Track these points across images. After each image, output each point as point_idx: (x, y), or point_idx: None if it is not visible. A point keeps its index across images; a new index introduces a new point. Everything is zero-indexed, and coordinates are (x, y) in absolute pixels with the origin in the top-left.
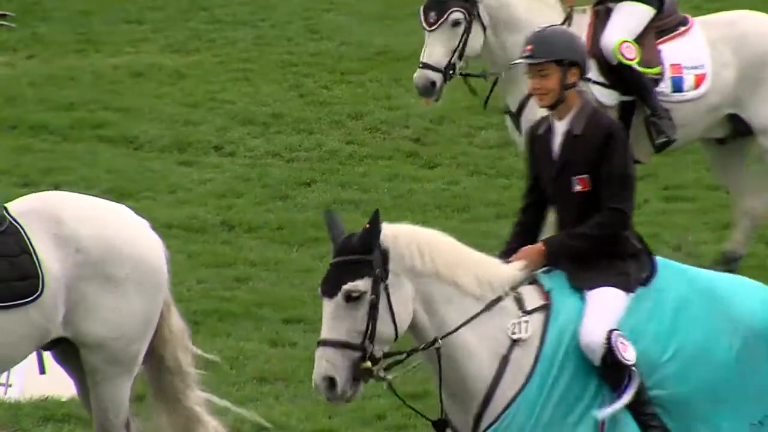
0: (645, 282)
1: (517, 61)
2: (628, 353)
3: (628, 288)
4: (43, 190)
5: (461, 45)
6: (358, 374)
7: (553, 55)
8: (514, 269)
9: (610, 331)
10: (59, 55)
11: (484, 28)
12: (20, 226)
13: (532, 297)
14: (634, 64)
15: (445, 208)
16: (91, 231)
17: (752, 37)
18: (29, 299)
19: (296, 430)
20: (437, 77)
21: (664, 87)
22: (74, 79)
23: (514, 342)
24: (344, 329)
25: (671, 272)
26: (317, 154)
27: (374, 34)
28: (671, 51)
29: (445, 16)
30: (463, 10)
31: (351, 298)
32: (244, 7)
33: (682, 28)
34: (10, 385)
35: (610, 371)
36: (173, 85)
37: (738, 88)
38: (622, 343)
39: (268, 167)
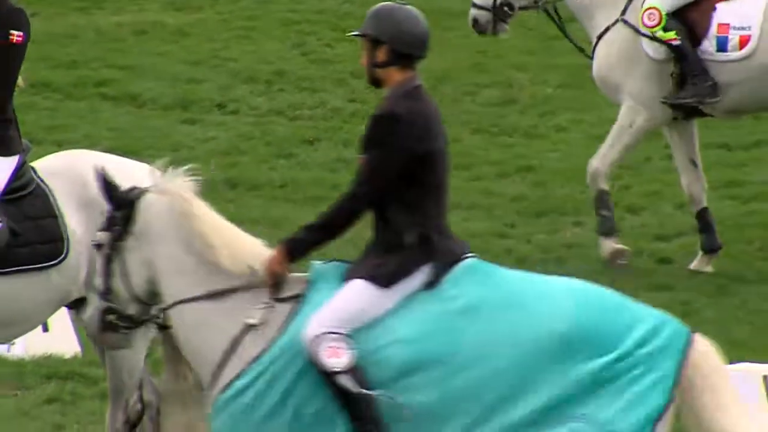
0: (431, 284)
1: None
2: (334, 359)
3: (382, 283)
4: (46, 148)
5: None
6: (105, 325)
7: (362, 29)
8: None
9: (324, 333)
10: (62, 12)
11: None
12: (47, 187)
13: (291, 286)
14: (656, 30)
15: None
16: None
17: None
18: (53, 262)
19: None
20: (481, 15)
21: (709, 46)
22: (77, 36)
23: (249, 326)
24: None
25: (472, 277)
26: (320, 112)
27: None
28: (724, 11)
29: None
30: None
31: (97, 248)
32: None
33: None
34: (13, 343)
35: (322, 374)
36: (176, 43)
37: None
38: (331, 347)
39: (271, 125)
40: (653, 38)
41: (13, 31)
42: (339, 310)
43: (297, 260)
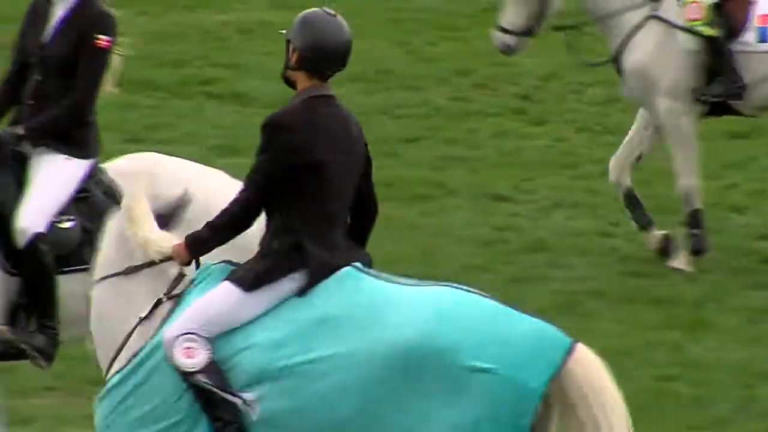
0: (302, 292)
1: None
2: (188, 360)
3: (245, 287)
4: (148, 146)
5: (541, 7)
6: None
7: (287, 30)
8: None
9: (183, 334)
10: (167, 11)
11: None
12: (117, 188)
13: (185, 283)
14: (699, 24)
15: (552, 165)
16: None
17: None
18: None
19: None
20: (513, 41)
21: (750, 37)
22: (182, 35)
23: (141, 319)
24: None
25: (339, 287)
26: (424, 110)
27: None
28: (764, 2)
29: None
30: None
31: None
32: None
33: None
34: None
35: (180, 374)
36: (282, 41)
37: None
38: (186, 347)
39: (375, 124)
40: (691, 31)
41: (100, 36)
42: (200, 311)
43: (197, 257)
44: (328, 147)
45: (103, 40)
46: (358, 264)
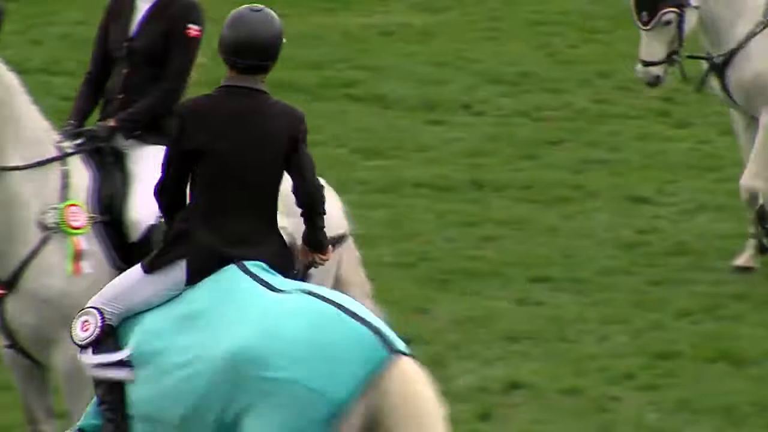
0: (189, 280)
1: None
2: (82, 333)
3: (145, 268)
4: None
5: (679, 36)
6: None
7: None
8: None
9: (88, 308)
10: (309, 13)
11: (697, 8)
12: None
13: None
14: None
15: (696, 168)
16: None
17: None
18: None
19: (544, 388)
20: (660, 71)
21: None
22: (323, 37)
23: None
24: None
25: (214, 284)
26: (565, 113)
27: None
28: None
29: (657, 18)
30: (673, 9)
31: None
32: None
33: None
34: None
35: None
36: (422, 44)
37: None
38: (84, 321)
39: (516, 126)
40: None
41: (190, 25)
42: (110, 288)
43: None
44: (221, 135)
45: (192, 29)
46: (247, 261)
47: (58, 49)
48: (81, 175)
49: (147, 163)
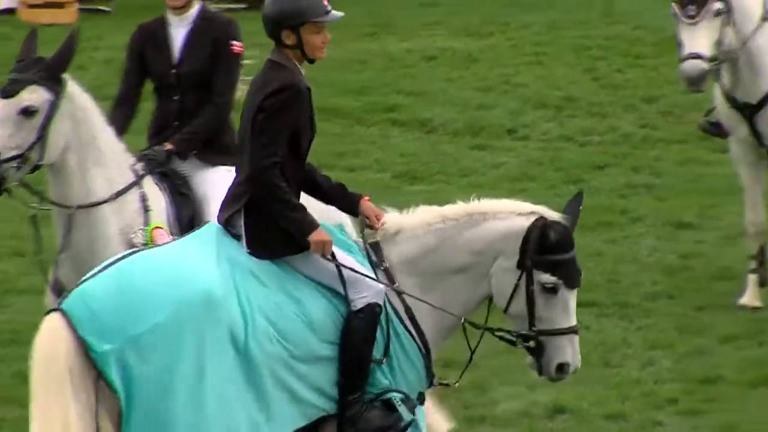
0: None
1: (331, 17)
2: None
3: None
4: (337, 174)
5: (721, 35)
6: None
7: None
8: None
9: None
10: (352, 38)
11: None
12: None
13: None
14: None
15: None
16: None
17: None
18: None
19: (588, 413)
20: (708, 66)
21: None
22: (366, 62)
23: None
24: None
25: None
26: (610, 137)
27: (669, 17)
28: None
29: (707, 7)
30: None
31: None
32: None
33: None
34: None
35: None
36: (466, 68)
37: None
38: None
39: (561, 151)
40: None
41: (233, 42)
42: None
43: None
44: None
45: (236, 45)
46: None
47: (102, 74)
48: (157, 197)
49: (215, 185)
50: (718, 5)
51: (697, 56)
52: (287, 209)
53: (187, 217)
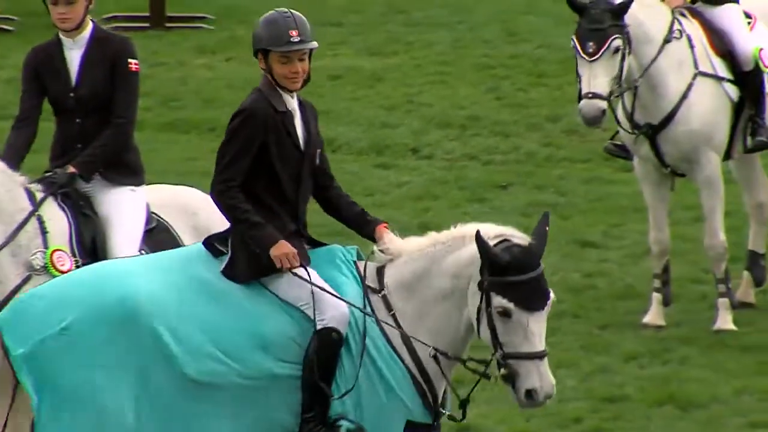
0: None
1: (290, 48)
2: None
3: None
4: None
5: (620, 71)
6: None
7: (312, 39)
8: None
9: None
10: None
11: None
12: (165, 221)
13: None
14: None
15: (642, 211)
16: (219, 221)
17: None
18: None
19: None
20: (605, 105)
21: None
22: None
23: None
24: None
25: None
26: (514, 156)
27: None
28: None
29: (606, 46)
30: (621, 36)
31: None
32: (442, 10)
33: (750, 21)
34: None
35: None
36: (371, 87)
37: None
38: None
39: (464, 170)
40: (761, 74)
41: (131, 60)
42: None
43: None
44: None
45: (133, 63)
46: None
47: (6, 94)
48: (58, 219)
49: (119, 205)
50: (617, 42)
51: (595, 96)
52: (246, 228)
53: (89, 238)
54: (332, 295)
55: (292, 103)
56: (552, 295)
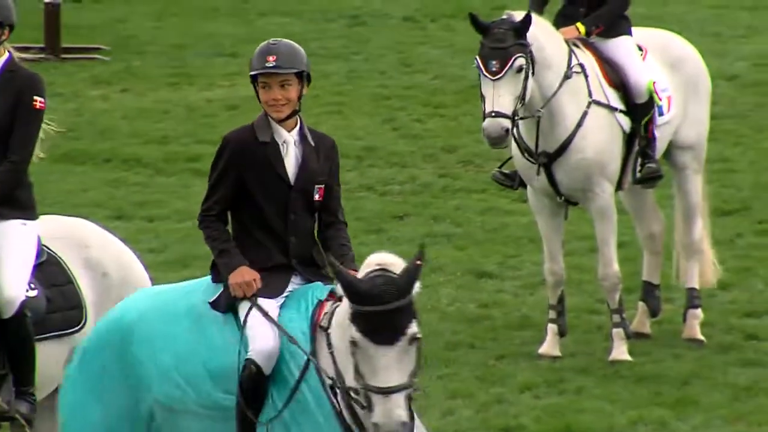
0: None
1: (262, 71)
2: None
3: None
4: (137, 224)
5: (524, 90)
6: None
7: (298, 66)
8: None
9: None
10: (153, 88)
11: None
12: (56, 254)
13: None
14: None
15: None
16: (112, 255)
17: (687, 61)
18: (78, 327)
19: None
20: (510, 125)
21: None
22: (168, 112)
23: None
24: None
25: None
26: (410, 187)
27: (468, 67)
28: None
29: (510, 64)
30: (524, 54)
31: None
32: (338, 41)
33: (642, 53)
34: None
35: None
36: None
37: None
38: None
39: (361, 200)
40: (653, 105)
41: (36, 97)
42: None
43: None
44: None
45: (38, 101)
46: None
47: None
48: None
49: (9, 239)
50: (520, 61)
51: (498, 114)
52: (215, 256)
53: None
54: (281, 330)
55: (284, 134)
56: (411, 331)
